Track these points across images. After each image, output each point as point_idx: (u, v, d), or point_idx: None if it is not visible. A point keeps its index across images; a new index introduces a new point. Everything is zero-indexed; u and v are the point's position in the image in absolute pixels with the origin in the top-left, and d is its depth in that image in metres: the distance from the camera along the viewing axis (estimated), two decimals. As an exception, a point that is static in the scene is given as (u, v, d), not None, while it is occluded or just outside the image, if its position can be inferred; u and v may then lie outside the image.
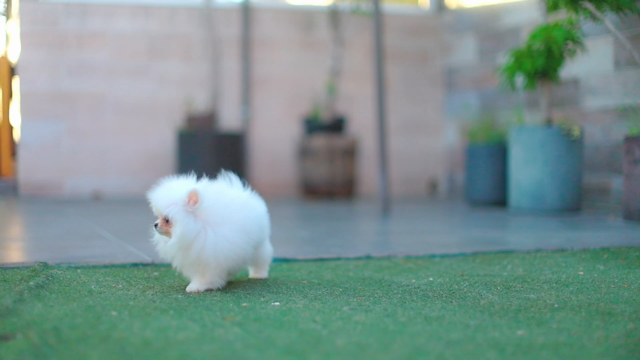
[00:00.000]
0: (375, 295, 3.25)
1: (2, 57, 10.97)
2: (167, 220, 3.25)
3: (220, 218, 3.29)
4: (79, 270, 3.84)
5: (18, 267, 3.89)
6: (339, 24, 10.08)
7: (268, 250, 3.74)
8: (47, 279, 3.49)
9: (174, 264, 3.36)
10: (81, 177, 10.35)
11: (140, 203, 8.90)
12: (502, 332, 2.60)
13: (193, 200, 3.23)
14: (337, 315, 2.85)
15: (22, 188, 10.21)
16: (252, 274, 3.75)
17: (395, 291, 3.35)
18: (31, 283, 3.35)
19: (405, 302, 3.10)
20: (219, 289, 3.40)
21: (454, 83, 10.91)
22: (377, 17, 7.56)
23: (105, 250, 4.70)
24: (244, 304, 3.05)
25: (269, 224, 3.73)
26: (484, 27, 10.25)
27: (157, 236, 3.35)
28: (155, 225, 3.28)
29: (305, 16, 11.00)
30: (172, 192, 3.26)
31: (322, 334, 2.53)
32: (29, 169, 10.24)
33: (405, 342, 2.43)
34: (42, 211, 8.11)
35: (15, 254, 4.89)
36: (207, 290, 3.36)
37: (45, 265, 3.86)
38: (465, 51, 10.61)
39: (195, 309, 2.95)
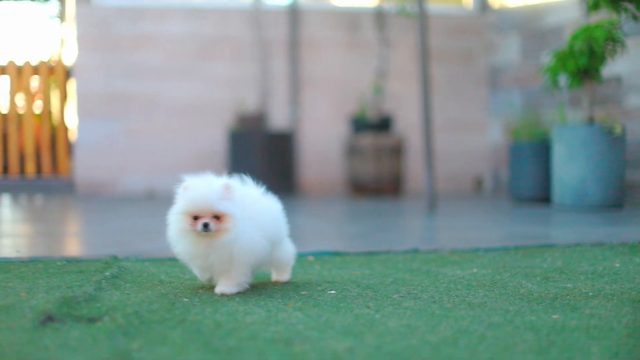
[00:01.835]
0: (423, 285, 3.51)
1: (58, 60, 11.34)
2: (216, 217, 3.17)
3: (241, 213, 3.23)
4: (146, 263, 4.14)
5: (91, 260, 4.20)
6: (384, 25, 10.30)
7: (289, 252, 3.62)
8: (120, 270, 3.79)
9: (200, 263, 3.27)
10: (135, 175, 10.69)
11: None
12: (539, 316, 2.85)
13: (229, 194, 3.19)
14: (388, 301, 3.12)
15: (78, 186, 10.57)
16: (274, 276, 3.66)
17: (441, 281, 3.61)
18: (107, 274, 3.65)
19: (450, 291, 3.36)
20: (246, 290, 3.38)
21: (498, 82, 11.10)
22: (422, 18, 7.78)
23: (168, 244, 5.00)
24: (303, 292, 3.33)
25: (285, 222, 3.58)
26: (527, 26, 10.43)
27: (176, 235, 3.26)
28: (206, 225, 3.15)
29: (352, 17, 11.25)
30: (215, 188, 3.18)
31: (375, 318, 2.80)
32: (85, 167, 10.60)
33: (450, 324, 2.70)
34: (100, 208, 8.45)
35: (83, 248, 5.21)
36: (237, 292, 3.30)
37: (115, 258, 4.17)
38: (509, 50, 10.80)
39: (259, 296, 3.24)
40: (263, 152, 9.99)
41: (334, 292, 3.34)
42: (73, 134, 10.96)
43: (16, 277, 3.71)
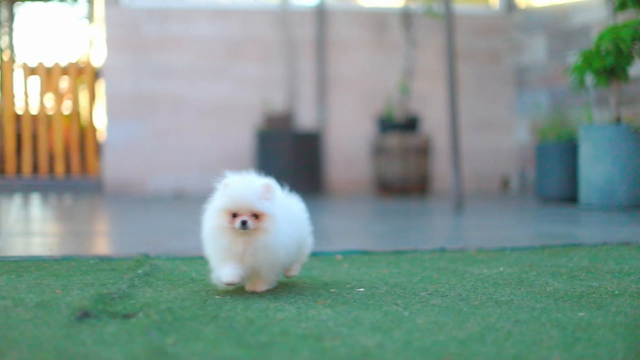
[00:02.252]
0: (450, 283, 3.56)
1: (86, 61, 11.45)
2: (255, 216, 3.14)
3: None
4: (177, 261, 4.21)
5: (122, 259, 4.28)
6: (411, 25, 10.34)
7: (307, 250, 3.61)
8: (152, 268, 3.86)
9: (247, 263, 3.20)
10: (163, 175, 10.79)
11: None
12: (565, 314, 2.90)
13: (269, 193, 3.19)
14: (416, 299, 3.17)
15: (107, 186, 10.68)
16: (284, 272, 3.55)
17: (468, 279, 3.65)
18: (139, 271, 3.72)
19: (477, 289, 3.41)
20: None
21: (524, 82, 11.12)
22: (449, 18, 7.81)
23: (198, 243, 5.05)
24: (332, 290, 3.39)
25: (308, 221, 3.56)
26: (553, 26, 10.44)
27: (213, 231, 3.23)
28: (244, 223, 3.12)
29: (378, 18, 11.29)
30: (255, 186, 3.17)
31: (403, 315, 2.85)
32: (114, 167, 10.71)
33: (477, 321, 2.75)
34: (128, 208, 8.54)
35: (114, 247, 5.29)
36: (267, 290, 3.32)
37: (147, 257, 4.24)
38: (536, 50, 10.81)
39: (289, 294, 3.30)
40: (290, 152, 10.06)
41: (362, 289, 3.40)
42: (102, 134, 11.07)
43: (50, 274, 3.79)
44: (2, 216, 7.61)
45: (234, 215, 3.16)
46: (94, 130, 11.37)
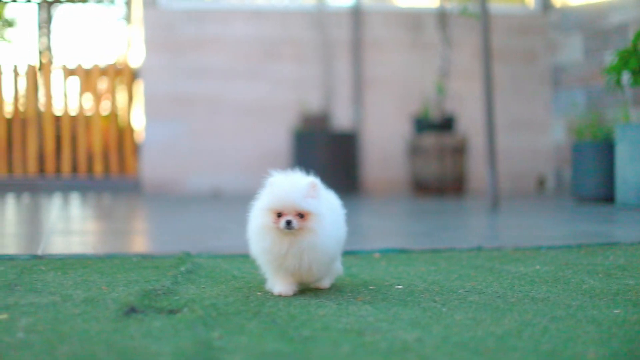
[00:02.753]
0: (487, 281, 3.61)
1: (124, 62, 11.59)
2: (301, 215, 3.11)
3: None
4: (218, 259, 4.29)
5: (164, 257, 4.37)
6: (446, 25, 10.36)
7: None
8: (194, 265, 3.95)
9: (280, 262, 3.17)
10: (200, 175, 10.89)
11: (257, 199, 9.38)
12: (601, 311, 2.95)
13: (314, 192, 3.16)
14: (454, 296, 3.23)
15: (145, 186, 10.80)
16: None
17: (505, 277, 3.71)
18: (182, 269, 3.82)
19: (514, 286, 3.46)
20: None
21: (560, 81, 11.12)
22: (485, 18, 7.84)
23: (237, 242, 5.16)
24: (371, 287, 3.46)
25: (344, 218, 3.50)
26: (590, 25, 10.43)
27: (258, 231, 3.21)
28: (289, 223, 3.09)
29: (414, 18, 11.34)
30: (301, 185, 3.14)
31: (442, 311, 2.92)
32: (152, 167, 10.83)
33: (514, 317, 2.80)
34: (167, 207, 8.65)
35: (155, 245, 5.39)
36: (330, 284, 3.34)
37: (188, 255, 4.33)
38: (572, 49, 10.81)
39: (329, 291, 3.37)
40: (326, 152, 10.13)
41: (401, 287, 3.46)
42: (139, 134, 11.20)
43: (95, 271, 3.89)
44: (43, 215, 7.74)
45: (279, 215, 3.13)
46: (131, 130, 11.51)
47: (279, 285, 3.23)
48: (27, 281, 3.59)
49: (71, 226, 6.69)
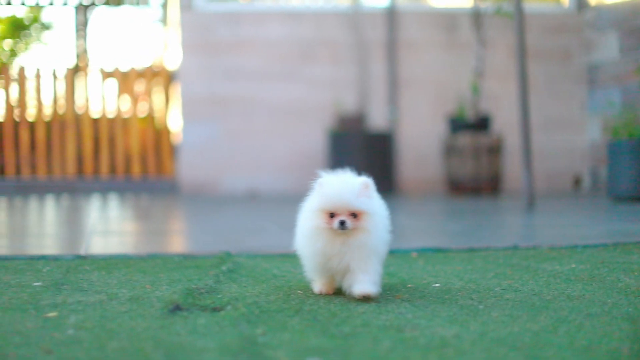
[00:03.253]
0: (523, 279, 3.67)
1: (161, 64, 11.72)
2: (353, 215, 3.06)
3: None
4: (258, 258, 4.38)
5: (205, 256, 4.46)
6: (481, 25, 10.38)
7: None
8: (235, 265, 4.04)
9: (333, 264, 3.11)
10: (237, 175, 10.99)
11: (293, 199, 9.49)
12: (636, 308, 2.99)
13: (367, 192, 3.11)
14: (491, 294, 3.29)
15: (183, 187, 10.92)
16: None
17: (540, 275, 3.76)
18: (223, 268, 3.90)
19: (550, 284, 3.51)
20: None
21: (596, 80, 11.10)
22: (519, 17, 7.85)
23: (276, 241, 5.25)
24: (409, 285, 3.52)
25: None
26: (625, 23, 10.41)
27: (309, 232, 3.13)
28: (343, 223, 3.04)
29: (449, 18, 11.38)
30: (353, 185, 3.09)
31: (478, 308, 2.98)
32: (189, 168, 10.94)
33: (550, 314, 2.86)
34: (204, 208, 8.75)
35: (194, 245, 5.48)
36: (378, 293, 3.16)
37: (229, 254, 4.41)
38: (607, 48, 10.79)
39: (367, 289, 3.44)
40: (362, 152, 10.19)
41: (438, 285, 3.52)
42: (176, 136, 11.32)
43: (138, 271, 3.98)
44: (83, 216, 7.86)
45: (332, 215, 3.08)
46: (168, 132, 11.64)
47: (318, 284, 3.27)
48: (73, 280, 3.68)
49: (111, 227, 6.80)
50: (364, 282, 3.08)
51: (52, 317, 2.87)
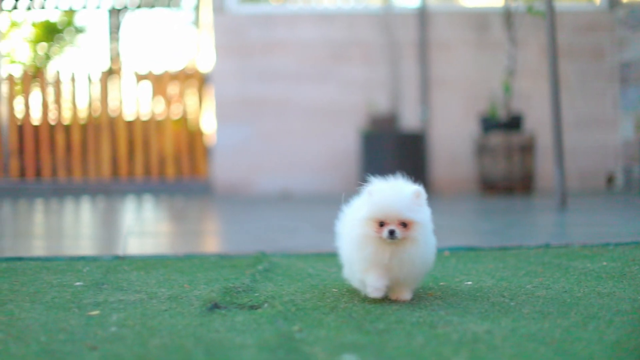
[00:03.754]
0: (554, 276, 3.72)
1: (194, 67, 11.84)
2: (403, 224, 3.00)
3: None
4: (293, 258, 4.45)
5: (241, 256, 4.54)
6: (512, 24, 10.39)
7: None
8: (270, 264, 4.12)
9: (380, 271, 3.06)
10: (270, 176, 11.08)
11: (326, 200, 9.57)
12: (666, 304, 3.04)
13: (418, 200, 3.07)
14: (522, 291, 3.35)
15: (217, 188, 11.02)
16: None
17: (572, 273, 3.81)
18: (259, 267, 3.99)
19: (580, 282, 3.56)
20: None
21: (628, 78, 11.09)
22: (551, 16, 7.86)
23: (310, 241, 5.33)
24: (442, 283, 3.59)
25: None
26: (658, 22, 10.40)
27: (358, 240, 3.06)
28: (392, 233, 2.98)
29: (480, 18, 11.40)
30: (405, 194, 3.04)
31: (510, 305, 3.04)
32: (223, 170, 11.05)
33: (580, 311, 2.92)
34: (238, 208, 8.84)
35: (230, 245, 5.57)
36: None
37: (264, 254, 4.50)
38: (640, 46, 10.78)
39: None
40: (395, 152, 10.25)
41: (470, 283, 3.58)
42: (209, 137, 11.43)
43: (176, 270, 4.07)
44: (119, 217, 7.98)
45: (381, 224, 3.02)
46: (201, 133, 11.75)
47: (371, 286, 3.11)
48: (113, 280, 3.78)
49: (147, 228, 6.91)
50: (403, 292, 3.14)
51: (95, 315, 2.97)
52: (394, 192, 3.04)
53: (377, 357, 2.31)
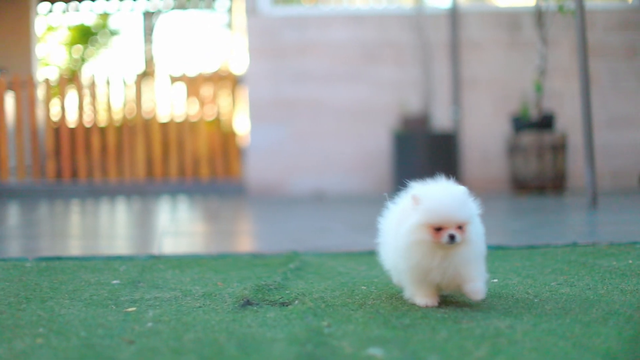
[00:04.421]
0: (579, 274, 3.79)
1: (227, 69, 11.96)
2: (459, 227, 2.94)
3: None
4: (324, 257, 4.55)
5: (274, 255, 4.65)
6: (544, 24, 10.42)
7: None
8: (302, 263, 4.22)
9: (434, 277, 2.98)
10: (303, 177, 11.19)
11: (359, 200, 9.67)
12: (687, 300, 3.11)
13: (469, 200, 3.04)
14: (546, 288, 3.43)
15: (250, 188, 11.15)
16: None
17: (597, 271, 3.87)
18: (291, 266, 4.09)
19: (605, 279, 3.63)
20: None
21: (660, 77, 11.09)
22: (580, 15, 7.89)
23: (341, 241, 5.43)
24: (468, 281, 3.67)
25: None
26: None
27: (411, 247, 2.95)
28: (452, 237, 2.90)
29: (511, 17, 11.45)
30: (458, 196, 2.99)
31: (533, 302, 3.12)
32: (257, 170, 11.17)
33: (602, 307, 2.99)
34: (272, 209, 8.95)
35: (263, 245, 5.68)
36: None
37: (296, 253, 4.60)
38: (671, 45, 10.77)
39: (426, 284, 3.60)
40: (427, 152, 10.32)
41: (496, 280, 3.66)
42: (243, 138, 11.55)
43: (210, 269, 4.18)
44: (154, 218, 8.11)
45: (438, 230, 2.92)
46: (235, 135, 11.88)
47: (422, 296, 3.08)
48: (149, 278, 3.89)
49: (181, 228, 7.03)
50: (477, 289, 2.98)
51: (132, 311, 3.08)
52: (449, 196, 2.98)
53: (401, 351, 2.40)
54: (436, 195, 2.96)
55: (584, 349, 2.39)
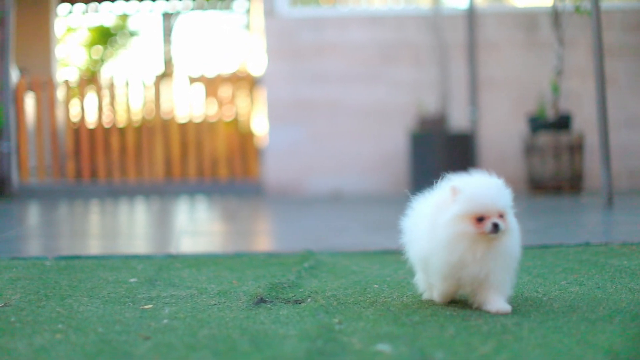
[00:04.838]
0: (590, 273, 3.84)
1: (246, 70, 12.04)
2: (501, 216, 2.91)
3: None
4: (338, 256, 4.62)
5: (289, 254, 4.72)
6: (560, 24, 10.42)
7: None
8: (316, 262, 4.29)
9: (470, 272, 2.91)
10: (321, 177, 11.24)
11: (376, 200, 9.72)
12: (694, 299, 3.15)
13: (507, 190, 3.00)
14: (556, 287, 3.48)
15: (268, 189, 11.21)
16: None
17: (607, 270, 3.92)
18: (305, 265, 4.16)
19: (614, 279, 3.68)
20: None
21: (678, 77, 11.08)
22: (596, 15, 7.90)
23: (356, 240, 5.49)
24: (479, 279, 3.72)
25: None
26: None
27: (451, 240, 2.88)
28: (496, 226, 2.86)
29: (528, 18, 11.47)
30: (497, 185, 2.97)
31: (542, 300, 3.17)
32: (275, 171, 11.23)
33: (609, 306, 3.04)
34: (289, 209, 9.02)
35: (279, 244, 5.75)
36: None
37: (311, 252, 4.67)
38: (689, 45, 10.76)
39: (438, 283, 3.65)
40: (444, 153, 10.35)
41: (507, 279, 3.72)
42: (261, 139, 11.62)
43: (226, 268, 4.25)
44: (172, 217, 8.19)
45: (479, 219, 2.88)
46: (253, 135, 11.95)
47: (441, 291, 3.07)
48: (166, 277, 3.97)
49: (199, 228, 7.11)
50: (499, 302, 2.95)
51: (148, 309, 3.15)
52: (489, 184, 2.95)
53: (409, 347, 2.46)
54: (476, 184, 2.93)
55: (588, 345, 2.44)
